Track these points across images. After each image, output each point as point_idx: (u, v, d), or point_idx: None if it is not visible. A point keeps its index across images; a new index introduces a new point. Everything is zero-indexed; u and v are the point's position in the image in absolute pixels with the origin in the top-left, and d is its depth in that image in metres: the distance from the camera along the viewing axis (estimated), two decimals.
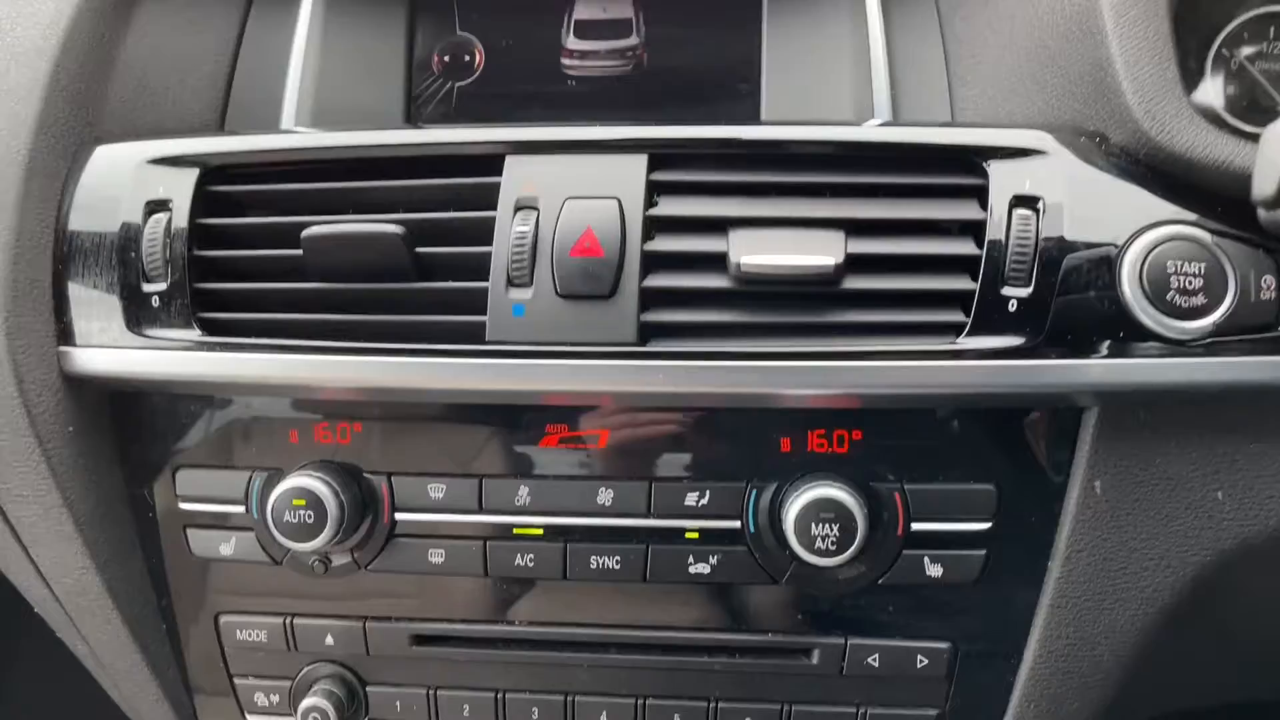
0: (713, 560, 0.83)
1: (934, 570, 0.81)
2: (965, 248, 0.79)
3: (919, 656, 0.83)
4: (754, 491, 0.82)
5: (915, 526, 0.81)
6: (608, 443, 0.83)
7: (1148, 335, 0.75)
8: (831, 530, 0.78)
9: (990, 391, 0.77)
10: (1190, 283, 0.75)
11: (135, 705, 0.94)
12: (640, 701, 0.87)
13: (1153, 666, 0.84)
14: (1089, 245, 0.76)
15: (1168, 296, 0.75)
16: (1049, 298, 0.76)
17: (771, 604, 0.84)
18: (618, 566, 0.84)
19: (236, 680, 0.91)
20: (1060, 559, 0.80)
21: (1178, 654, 0.86)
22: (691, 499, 0.82)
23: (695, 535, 0.83)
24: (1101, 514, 0.80)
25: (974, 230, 0.79)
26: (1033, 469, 0.80)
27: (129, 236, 0.85)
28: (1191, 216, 0.76)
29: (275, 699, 0.91)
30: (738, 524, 0.82)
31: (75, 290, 0.85)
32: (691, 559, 0.83)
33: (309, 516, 0.81)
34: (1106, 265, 0.76)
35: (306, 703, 0.87)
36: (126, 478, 0.88)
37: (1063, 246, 0.76)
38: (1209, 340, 0.75)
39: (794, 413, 0.81)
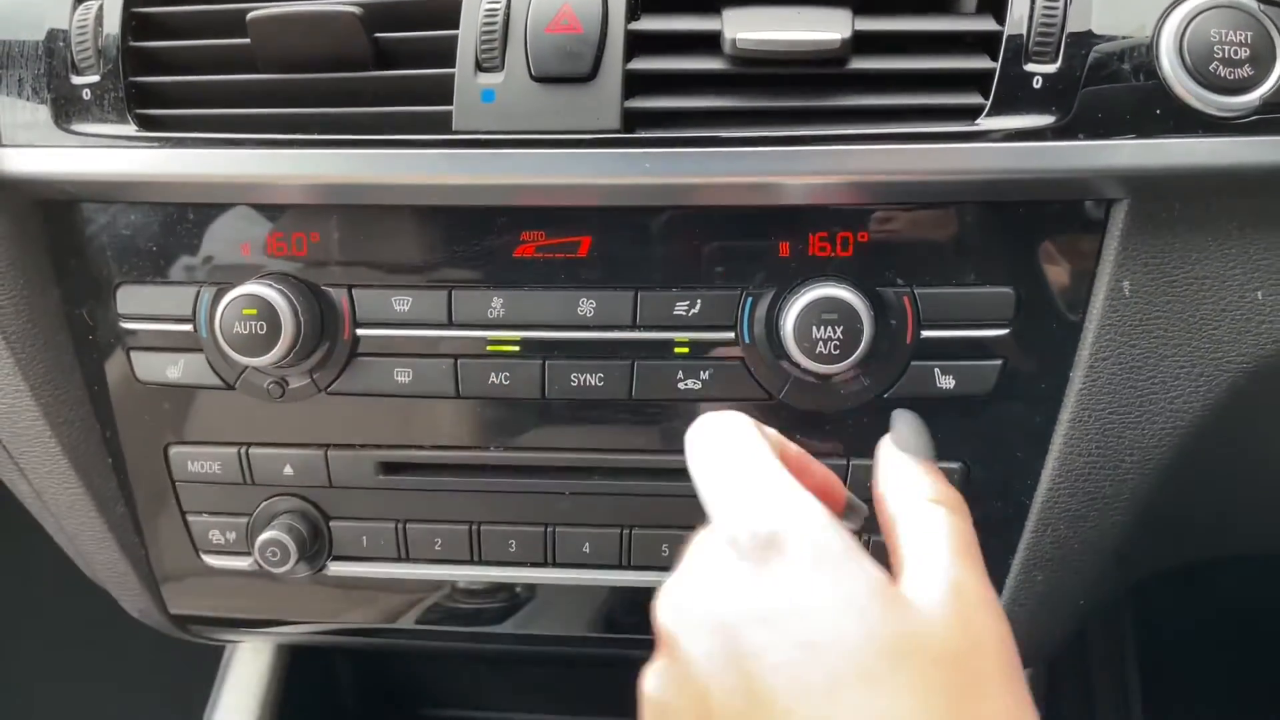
0: (704, 375, 0.76)
1: (945, 382, 0.75)
2: (984, 24, 0.71)
3: None
4: (749, 299, 0.75)
5: (925, 334, 0.74)
6: (589, 247, 0.75)
7: (1187, 113, 0.68)
8: (834, 333, 0.71)
9: (1012, 177, 0.69)
10: (1235, 53, 0.67)
11: (80, 546, 0.88)
12: (626, 531, 0.81)
13: (1178, 494, 0.78)
14: (1123, 13, 0.69)
15: (1210, 68, 0.67)
16: (1078, 73, 0.69)
17: (767, 424, 0.77)
18: (601, 384, 0.77)
19: (189, 517, 0.84)
20: (1083, 368, 0.74)
21: (1204, 480, 0.80)
22: (681, 309, 0.75)
23: (685, 349, 0.76)
24: (1129, 318, 0.73)
25: (994, 6, 0.71)
26: (1055, 270, 0.73)
27: (56, 25, 0.77)
28: None
29: (232, 536, 0.84)
30: (731, 335, 0.75)
31: None
32: (681, 375, 0.76)
33: (261, 327, 0.74)
34: (1143, 35, 0.68)
35: (264, 536, 0.80)
36: (63, 296, 0.81)
37: (1094, 16, 0.69)
38: (1254, 118, 0.68)
39: (793, 212, 0.73)
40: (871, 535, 0.77)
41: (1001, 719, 0.46)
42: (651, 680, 0.53)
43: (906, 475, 0.58)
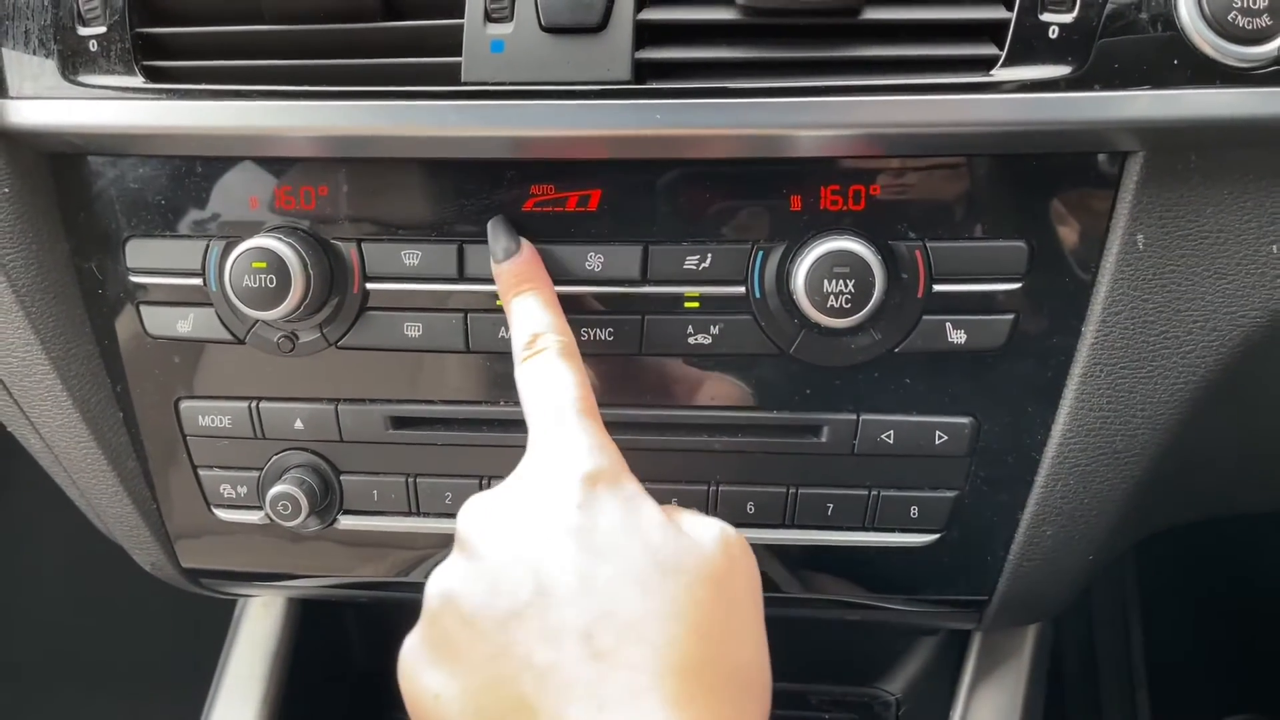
0: (714, 330, 0.76)
1: (957, 336, 0.74)
2: None
3: (937, 433, 0.77)
4: (760, 253, 0.74)
5: (937, 288, 0.74)
6: (599, 201, 0.75)
7: (1204, 64, 0.67)
8: (846, 286, 0.71)
9: (1027, 129, 0.69)
10: (1253, 2, 0.66)
11: (92, 501, 0.88)
12: None
13: (1187, 449, 0.78)
14: None
15: (1228, 18, 0.66)
16: (1095, 23, 0.68)
17: (777, 378, 0.77)
18: (611, 339, 0.77)
19: (200, 471, 0.85)
20: (1095, 322, 0.73)
21: (1212, 436, 0.80)
22: (691, 263, 0.75)
23: (695, 303, 0.76)
24: (1143, 271, 0.72)
25: None
26: (1069, 223, 0.73)
27: None
28: None
29: (243, 490, 0.85)
30: (742, 289, 0.75)
31: (2, 38, 0.76)
32: (691, 329, 0.76)
33: (270, 280, 0.74)
34: None
35: (275, 490, 0.81)
36: (72, 250, 0.80)
37: None
38: (1272, 68, 0.67)
39: (805, 164, 0.73)
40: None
41: (741, 627, 0.59)
42: (441, 574, 0.61)
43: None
